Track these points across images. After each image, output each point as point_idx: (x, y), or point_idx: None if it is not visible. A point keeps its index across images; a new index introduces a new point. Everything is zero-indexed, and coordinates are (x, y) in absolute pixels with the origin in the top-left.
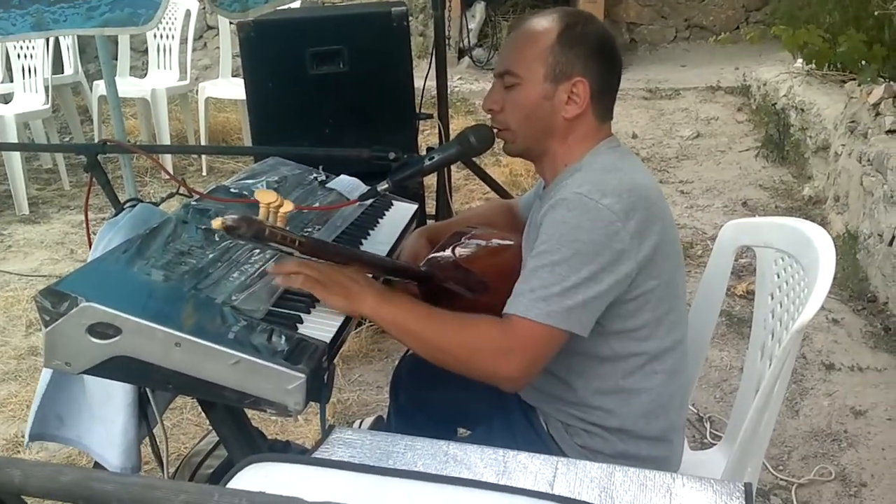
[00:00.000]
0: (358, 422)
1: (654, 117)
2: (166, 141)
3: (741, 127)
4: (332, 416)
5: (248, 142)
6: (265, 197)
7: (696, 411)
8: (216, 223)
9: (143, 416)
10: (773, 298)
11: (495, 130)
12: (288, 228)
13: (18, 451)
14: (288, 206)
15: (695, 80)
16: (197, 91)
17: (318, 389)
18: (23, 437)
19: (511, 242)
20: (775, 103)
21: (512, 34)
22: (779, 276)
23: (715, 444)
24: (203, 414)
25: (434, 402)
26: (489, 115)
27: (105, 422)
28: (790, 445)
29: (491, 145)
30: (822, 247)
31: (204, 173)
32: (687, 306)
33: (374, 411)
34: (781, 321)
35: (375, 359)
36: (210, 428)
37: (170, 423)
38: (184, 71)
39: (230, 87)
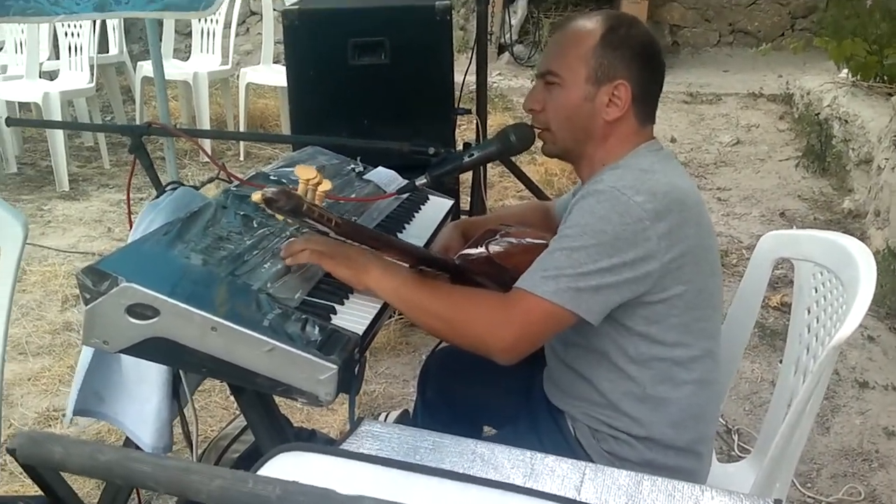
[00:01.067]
0: (384, 414)
1: (694, 122)
2: (206, 124)
3: (782, 136)
4: (358, 407)
5: (285, 128)
6: (305, 173)
7: (724, 423)
8: (256, 196)
9: (175, 396)
10: (809, 313)
11: (536, 130)
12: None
13: (51, 425)
14: (326, 185)
15: (737, 86)
16: (238, 76)
17: (349, 381)
18: (55, 410)
19: (545, 241)
20: (818, 113)
21: (555, 35)
22: (817, 291)
23: (742, 458)
24: (230, 397)
25: (461, 398)
26: (529, 114)
27: (139, 401)
28: (819, 463)
29: (531, 145)
30: (863, 263)
31: (241, 158)
32: (722, 317)
33: (399, 404)
34: (817, 336)
35: (403, 352)
36: (237, 412)
37: (198, 405)
38: (226, 55)
39: (271, 74)
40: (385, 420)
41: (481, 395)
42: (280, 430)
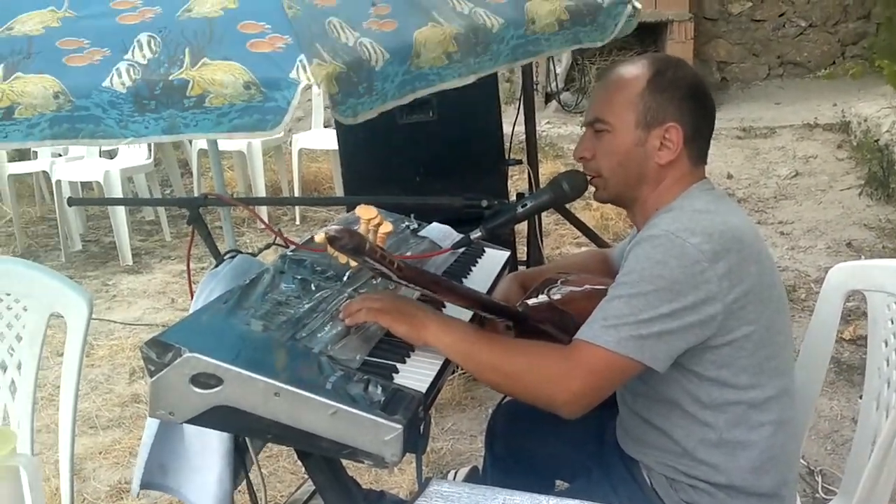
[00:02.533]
0: (452, 472)
1: (750, 157)
2: (262, 191)
3: (842, 165)
4: (426, 465)
5: (339, 190)
6: (366, 213)
7: (806, 464)
8: (319, 236)
9: (241, 463)
10: (887, 345)
11: (589, 177)
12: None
13: (122, 498)
14: (387, 227)
15: (790, 118)
16: (290, 142)
17: (415, 440)
18: (126, 483)
19: (605, 287)
20: (878, 139)
21: (601, 81)
22: (893, 322)
23: (828, 500)
24: (298, 462)
25: (531, 452)
26: (580, 162)
27: (202, 471)
28: None
29: (584, 192)
30: None
31: (297, 222)
32: (794, 353)
33: (468, 461)
34: None
35: (468, 407)
36: (305, 476)
37: (266, 470)
38: None
39: (322, 138)
40: (454, 478)
41: (551, 447)
42: (349, 493)
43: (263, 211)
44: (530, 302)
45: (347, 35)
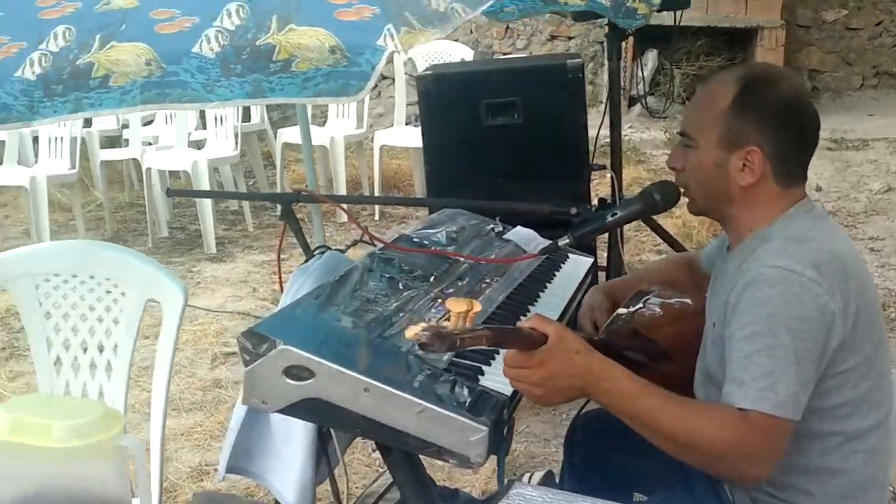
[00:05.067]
0: (527, 475)
1: (840, 169)
2: (342, 186)
3: None
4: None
5: (418, 187)
6: (457, 306)
7: (892, 490)
8: (409, 334)
9: (323, 453)
10: None
11: (681, 189)
12: (476, 325)
13: (203, 480)
14: (477, 307)
15: (884, 130)
16: (372, 138)
17: (499, 442)
18: (207, 465)
19: (690, 302)
20: None
21: (696, 93)
22: None
23: None
24: (373, 455)
25: (610, 463)
26: (672, 172)
27: (286, 460)
28: None
29: (675, 203)
30: None
31: (376, 218)
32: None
33: (541, 464)
34: None
35: (543, 411)
36: (379, 470)
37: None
38: (360, 119)
39: (404, 135)
40: (528, 481)
41: (632, 460)
42: (426, 489)
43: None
44: (618, 322)
45: (438, 2)
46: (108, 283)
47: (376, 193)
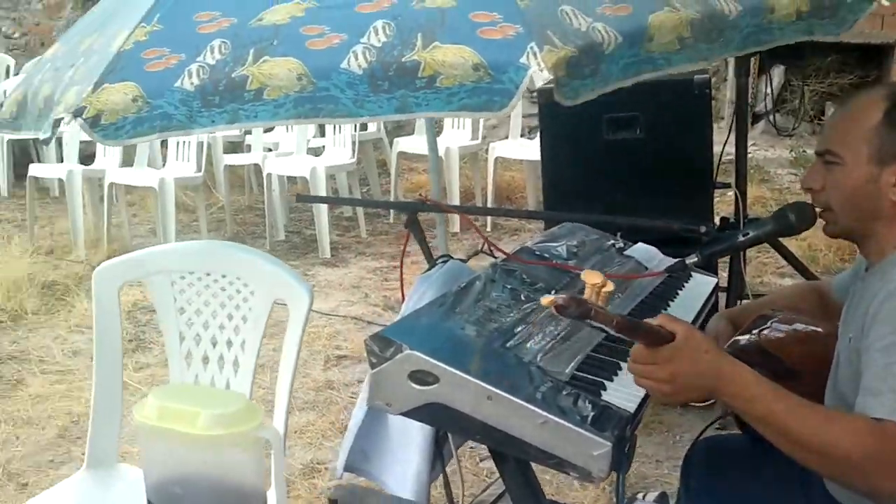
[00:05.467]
0: (641, 494)
1: None
2: (456, 196)
3: None
4: (608, 485)
5: (531, 200)
6: (592, 278)
7: None
8: (546, 301)
9: (438, 458)
10: None
11: (817, 210)
12: (608, 307)
13: (314, 477)
14: (610, 287)
15: None
16: (487, 150)
17: (620, 459)
18: (318, 463)
19: (820, 330)
20: None
21: (836, 111)
22: None
23: None
24: (480, 464)
25: (728, 492)
26: (807, 193)
27: (402, 463)
28: None
29: (811, 226)
30: None
31: (489, 229)
32: None
33: (653, 485)
34: None
35: (655, 431)
36: (487, 479)
37: (449, 469)
38: (475, 130)
39: (519, 148)
40: (643, 500)
41: (752, 489)
42: (538, 500)
43: (456, 217)
44: (741, 339)
45: (580, 21)
46: (239, 282)
47: (489, 204)
